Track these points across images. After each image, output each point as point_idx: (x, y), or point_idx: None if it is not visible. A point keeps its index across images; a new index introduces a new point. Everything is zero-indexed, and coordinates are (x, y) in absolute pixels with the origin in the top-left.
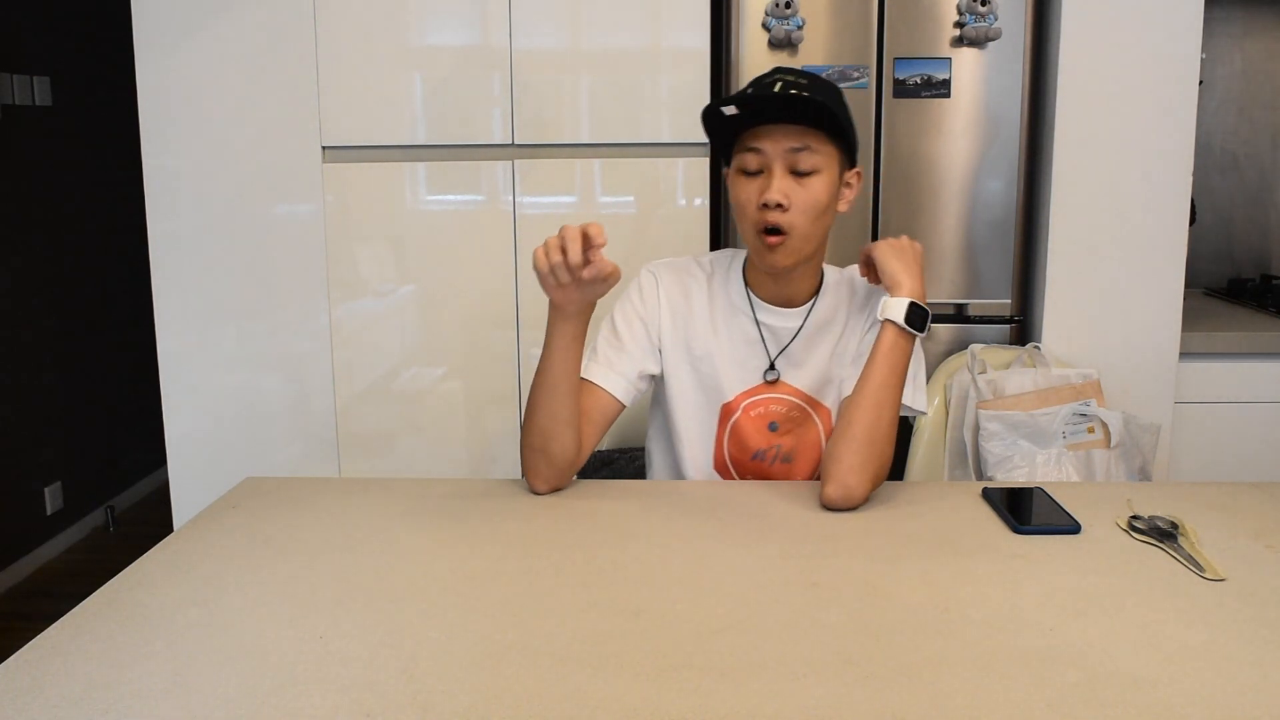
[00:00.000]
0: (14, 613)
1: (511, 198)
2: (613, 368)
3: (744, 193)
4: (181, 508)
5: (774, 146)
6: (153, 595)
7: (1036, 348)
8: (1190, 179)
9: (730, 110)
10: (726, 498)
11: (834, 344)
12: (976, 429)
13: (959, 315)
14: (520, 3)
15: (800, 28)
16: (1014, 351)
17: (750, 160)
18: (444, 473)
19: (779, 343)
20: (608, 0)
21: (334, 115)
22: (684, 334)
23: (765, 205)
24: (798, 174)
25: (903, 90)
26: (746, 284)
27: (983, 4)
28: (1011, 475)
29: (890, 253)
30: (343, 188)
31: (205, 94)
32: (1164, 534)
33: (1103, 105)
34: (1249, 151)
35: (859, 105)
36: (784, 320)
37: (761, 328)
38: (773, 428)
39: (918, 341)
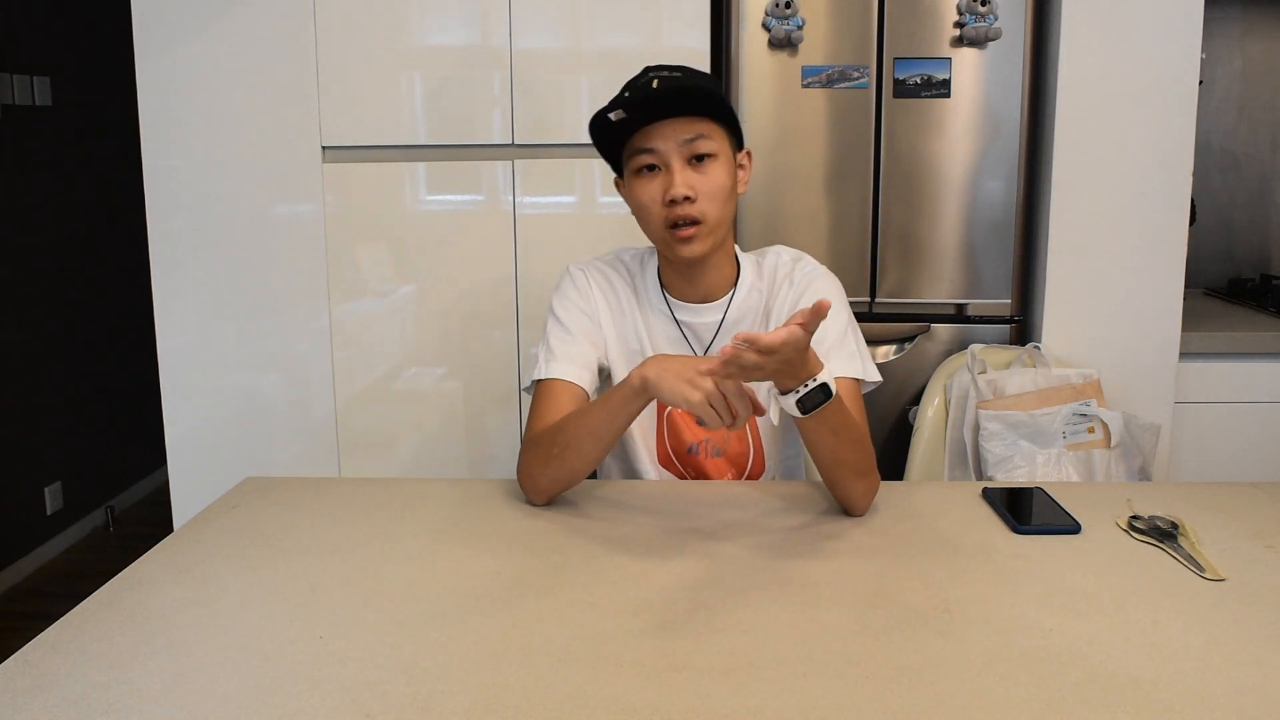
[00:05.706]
0: (14, 613)
1: (511, 198)
2: (574, 361)
3: (645, 193)
4: (181, 508)
5: (666, 142)
6: (153, 595)
7: (1036, 348)
8: (1190, 179)
9: (617, 115)
10: (726, 498)
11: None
12: (976, 429)
13: (959, 315)
14: (520, 3)
15: (800, 28)
16: (1014, 351)
17: (645, 160)
18: (444, 473)
19: (700, 341)
20: (608, 0)
21: (334, 115)
22: (618, 329)
23: (673, 201)
24: (696, 163)
25: (903, 90)
26: (662, 285)
27: (983, 4)
28: (1011, 475)
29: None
30: (343, 188)
31: (205, 94)
32: (1164, 534)
33: (1103, 105)
34: (1249, 151)
35: (859, 105)
36: (703, 317)
37: (682, 327)
38: (701, 421)
39: (850, 313)
